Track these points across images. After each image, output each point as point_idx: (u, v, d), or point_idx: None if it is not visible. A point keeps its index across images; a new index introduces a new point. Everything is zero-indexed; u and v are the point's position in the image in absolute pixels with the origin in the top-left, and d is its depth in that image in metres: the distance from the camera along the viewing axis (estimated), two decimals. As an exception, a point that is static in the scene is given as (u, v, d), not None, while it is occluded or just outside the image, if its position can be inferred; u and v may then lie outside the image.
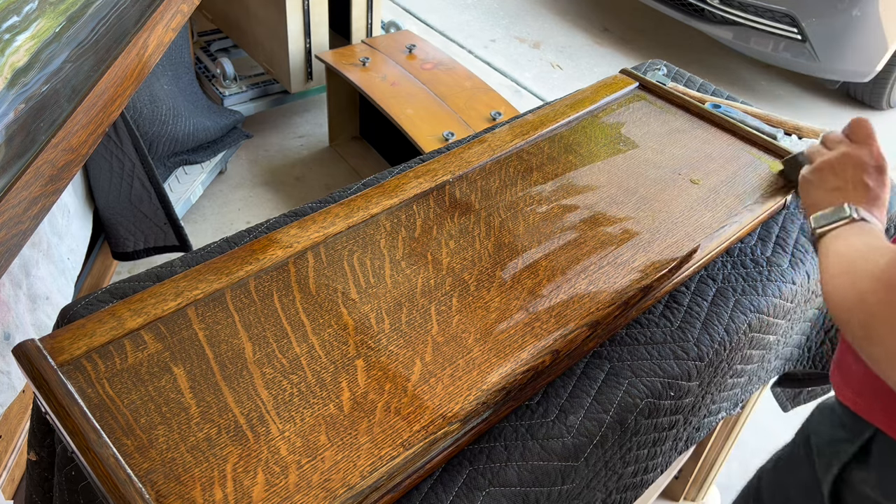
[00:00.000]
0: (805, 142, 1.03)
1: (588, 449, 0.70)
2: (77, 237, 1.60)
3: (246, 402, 0.63)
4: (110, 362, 0.65)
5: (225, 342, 0.68)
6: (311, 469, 0.59)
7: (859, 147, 0.78)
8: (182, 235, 1.85)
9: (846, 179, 0.77)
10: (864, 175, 0.76)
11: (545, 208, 0.86)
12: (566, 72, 3.26)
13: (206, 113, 2.18)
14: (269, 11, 2.31)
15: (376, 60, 2.32)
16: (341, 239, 0.80)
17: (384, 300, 0.73)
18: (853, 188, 0.76)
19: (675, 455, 0.89)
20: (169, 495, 0.56)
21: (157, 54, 1.36)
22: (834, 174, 0.78)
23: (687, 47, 3.50)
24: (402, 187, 0.87)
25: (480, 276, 0.77)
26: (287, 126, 2.67)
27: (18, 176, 0.94)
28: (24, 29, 0.98)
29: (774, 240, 0.94)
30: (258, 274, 0.75)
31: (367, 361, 0.67)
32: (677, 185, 0.91)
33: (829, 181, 0.78)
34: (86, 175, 1.70)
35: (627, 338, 0.79)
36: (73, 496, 0.67)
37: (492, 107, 2.14)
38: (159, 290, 0.71)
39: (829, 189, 0.77)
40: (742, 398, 0.98)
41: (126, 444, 0.59)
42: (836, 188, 0.76)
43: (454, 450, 0.66)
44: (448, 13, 3.68)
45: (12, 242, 0.93)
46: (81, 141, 1.09)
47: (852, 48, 2.73)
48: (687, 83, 1.26)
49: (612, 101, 1.06)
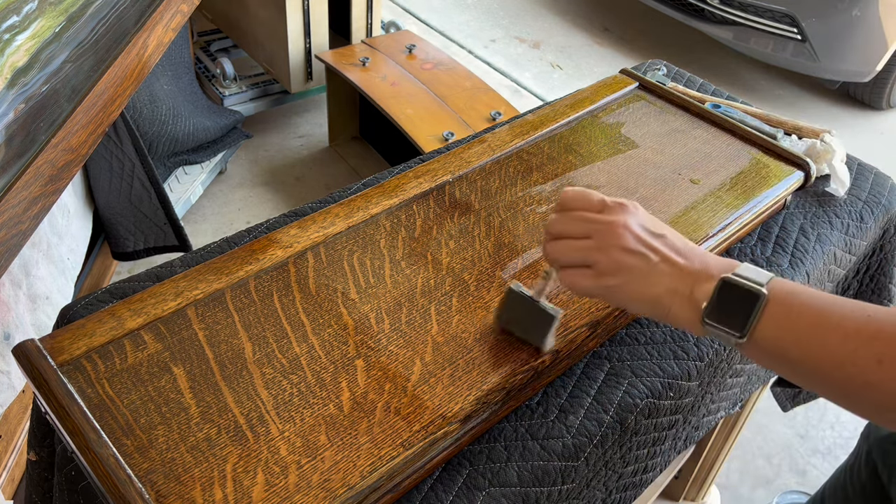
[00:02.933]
0: (805, 142, 1.03)
1: (588, 449, 0.70)
2: (77, 237, 1.60)
3: (246, 402, 0.63)
4: (110, 362, 0.65)
5: (225, 342, 0.68)
6: (311, 469, 0.59)
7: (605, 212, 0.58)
8: (182, 235, 1.85)
9: (645, 248, 0.56)
10: (649, 228, 0.57)
11: (545, 208, 0.86)
12: (566, 72, 3.26)
13: (206, 113, 2.18)
14: (269, 11, 2.31)
15: (376, 60, 2.32)
16: (341, 239, 0.80)
17: (384, 300, 0.73)
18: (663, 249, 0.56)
19: (675, 454, 0.89)
20: (169, 495, 0.56)
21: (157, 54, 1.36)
22: (628, 255, 0.56)
23: (687, 47, 3.50)
24: (402, 187, 0.87)
25: (480, 276, 0.77)
26: (287, 126, 2.67)
27: (18, 176, 0.94)
28: (24, 29, 0.98)
29: (774, 240, 0.94)
30: (258, 274, 0.75)
31: (367, 361, 0.67)
32: (677, 185, 0.91)
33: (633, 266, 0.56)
34: (86, 175, 1.70)
35: (627, 338, 0.79)
36: (72, 496, 0.67)
37: (492, 107, 2.14)
38: (159, 290, 0.71)
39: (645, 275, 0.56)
40: (741, 397, 0.98)
41: (126, 444, 0.59)
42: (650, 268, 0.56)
43: (454, 450, 0.66)
44: (448, 13, 3.68)
45: (12, 242, 0.93)
46: (81, 141, 1.09)
47: (852, 48, 2.73)
48: (687, 83, 1.26)
49: (612, 101, 1.06)
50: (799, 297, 0.52)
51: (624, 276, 0.56)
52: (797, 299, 0.51)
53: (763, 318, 0.51)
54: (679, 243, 0.57)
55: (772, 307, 0.51)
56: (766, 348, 0.52)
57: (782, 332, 0.51)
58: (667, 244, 0.56)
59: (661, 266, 0.55)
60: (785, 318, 0.51)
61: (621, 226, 0.56)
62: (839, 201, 1.01)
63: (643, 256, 0.56)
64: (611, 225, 0.57)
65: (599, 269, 0.57)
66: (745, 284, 0.52)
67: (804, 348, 0.50)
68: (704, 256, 0.56)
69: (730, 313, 0.52)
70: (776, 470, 1.73)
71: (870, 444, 0.83)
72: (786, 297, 0.52)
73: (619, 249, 0.56)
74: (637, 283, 0.56)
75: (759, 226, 0.95)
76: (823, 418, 1.85)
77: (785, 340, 0.51)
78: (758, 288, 0.51)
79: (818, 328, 0.50)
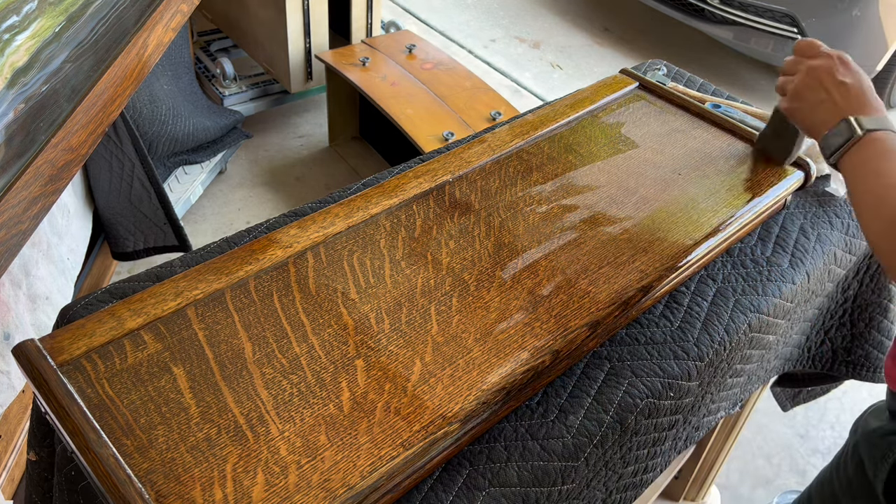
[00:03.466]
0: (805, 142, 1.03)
1: (588, 449, 0.70)
2: (77, 237, 1.60)
3: (246, 402, 0.63)
4: (110, 362, 0.65)
5: (225, 342, 0.68)
6: (311, 469, 0.59)
7: (816, 58, 0.80)
8: (182, 235, 1.85)
9: (823, 88, 0.78)
10: (836, 75, 0.78)
11: (545, 208, 0.86)
12: (566, 72, 3.26)
13: (205, 113, 2.18)
14: (269, 11, 2.31)
15: (376, 60, 2.32)
16: (341, 239, 0.80)
17: (384, 300, 0.73)
18: (835, 91, 0.77)
19: (675, 455, 0.89)
20: (169, 495, 0.56)
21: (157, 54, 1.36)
22: (810, 89, 0.79)
23: (687, 47, 3.50)
24: (402, 187, 0.87)
25: (480, 276, 0.77)
26: (287, 126, 2.67)
27: (18, 176, 0.94)
28: (24, 29, 0.98)
29: (774, 240, 0.94)
30: (258, 274, 0.75)
31: (367, 361, 0.67)
32: (677, 185, 0.91)
33: (809, 97, 0.79)
34: (86, 175, 1.70)
35: (627, 338, 0.79)
36: (72, 496, 0.67)
37: (492, 107, 2.14)
38: (159, 290, 0.71)
39: (814, 106, 0.79)
40: (741, 397, 0.98)
41: (126, 444, 0.59)
42: (819, 101, 0.78)
43: (454, 450, 0.66)
44: (448, 13, 3.68)
45: (12, 242, 0.93)
46: (81, 141, 1.09)
47: (852, 48, 2.73)
48: (687, 83, 1.26)
49: (612, 101, 1.06)
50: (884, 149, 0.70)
51: (799, 103, 0.80)
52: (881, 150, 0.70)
53: (849, 152, 0.73)
54: (853, 91, 0.76)
55: (859, 148, 0.72)
56: (848, 168, 0.73)
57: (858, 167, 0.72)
58: (840, 90, 0.76)
59: (826, 104, 0.77)
60: (863, 160, 0.71)
61: (815, 68, 0.79)
62: (839, 201, 1.01)
63: (817, 93, 0.78)
64: (808, 67, 0.79)
65: (791, 94, 0.82)
66: (852, 126, 0.73)
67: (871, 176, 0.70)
68: (862, 105, 0.75)
69: (837, 138, 0.74)
70: (776, 470, 1.73)
71: (857, 438, 0.83)
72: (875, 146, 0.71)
73: (804, 85, 0.80)
74: (808, 110, 0.80)
75: (760, 226, 0.95)
76: (823, 418, 1.85)
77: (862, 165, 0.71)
78: (858, 132, 0.72)
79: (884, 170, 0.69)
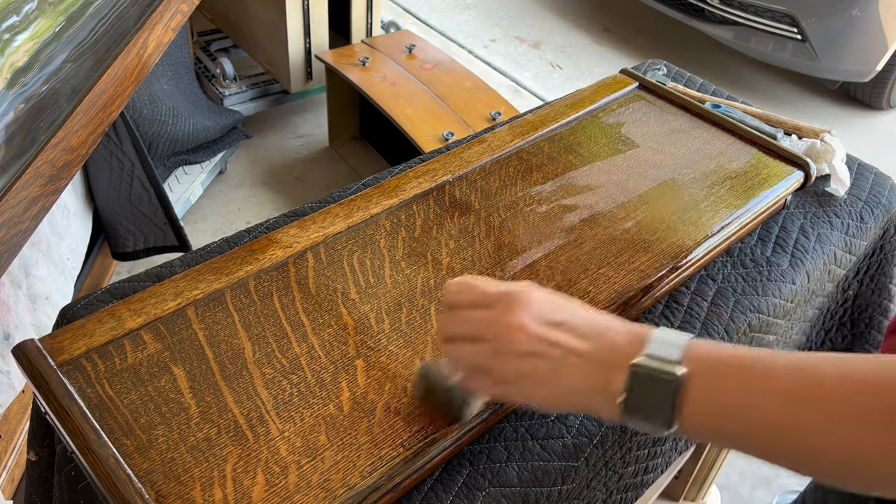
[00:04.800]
0: (805, 142, 1.03)
1: (588, 449, 0.70)
2: (77, 237, 1.60)
3: (246, 402, 0.63)
4: (110, 362, 0.65)
5: (225, 342, 0.68)
6: (311, 469, 0.59)
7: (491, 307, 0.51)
8: (182, 235, 1.85)
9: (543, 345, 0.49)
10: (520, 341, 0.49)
11: (545, 208, 0.86)
12: (566, 72, 3.26)
13: (205, 113, 2.18)
14: (269, 11, 2.31)
15: (376, 60, 2.32)
16: (341, 239, 0.80)
17: (384, 300, 0.73)
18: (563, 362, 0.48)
19: (675, 455, 0.89)
20: (169, 495, 0.56)
21: (157, 54, 1.36)
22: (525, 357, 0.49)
23: (687, 47, 3.50)
24: (402, 187, 0.87)
25: (481, 275, 0.77)
26: (287, 126, 2.67)
27: (18, 176, 0.94)
28: (24, 29, 0.98)
29: (774, 240, 0.94)
30: (258, 274, 0.75)
31: (367, 361, 0.67)
32: (677, 185, 0.91)
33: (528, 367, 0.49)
34: (86, 175, 1.70)
35: (627, 338, 0.79)
36: (72, 496, 0.66)
37: (492, 107, 2.14)
38: (159, 290, 0.71)
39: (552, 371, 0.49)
40: (742, 398, 0.98)
41: (126, 444, 0.59)
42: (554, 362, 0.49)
43: (454, 450, 0.66)
44: (448, 13, 3.68)
45: (12, 242, 0.93)
46: (81, 141, 1.09)
47: (852, 48, 2.73)
48: (687, 83, 1.26)
49: (612, 101, 1.06)
50: (721, 363, 0.45)
51: (526, 382, 0.49)
52: (719, 366, 0.45)
53: (686, 401, 0.45)
54: (582, 326, 0.50)
55: (694, 385, 0.45)
56: (700, 430, 0.46)
57: (711, 407, 0.45)
58: (569, 331, 0.49)
59: (567, 361, 0.48)
60: (712, 392, 0.44)
61: (512, 326, 0.49)
62: (839, 201, 1.01)
63: (543, 356, 0.49)
64: (500, 326, 0.50)
65: (497, 377, 0.51)
66: (656, 371, 0.45)
67: (740, 421, 0.44)
68: (610, 334, 0.49)
69: (649, 404, 0.45)
70: (776, 470, 1.72)
71: None
72: (706, 367, 0.45)
73: (514, 355, 0.49)
74: (544, 386, 0.49)
75: (759, 226, 0.95)
76: (823, 418, 1.84)
77: (717, 417, 0.45)
78: (671, 371, 0.45)
79: (751, 395, 0.43)
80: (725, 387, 0.44)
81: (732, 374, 0.44)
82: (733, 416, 0.44)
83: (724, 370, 0.45)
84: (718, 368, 0.45)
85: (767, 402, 0.43)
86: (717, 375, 0.45)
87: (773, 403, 0.42)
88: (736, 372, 0.44)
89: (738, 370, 0.44)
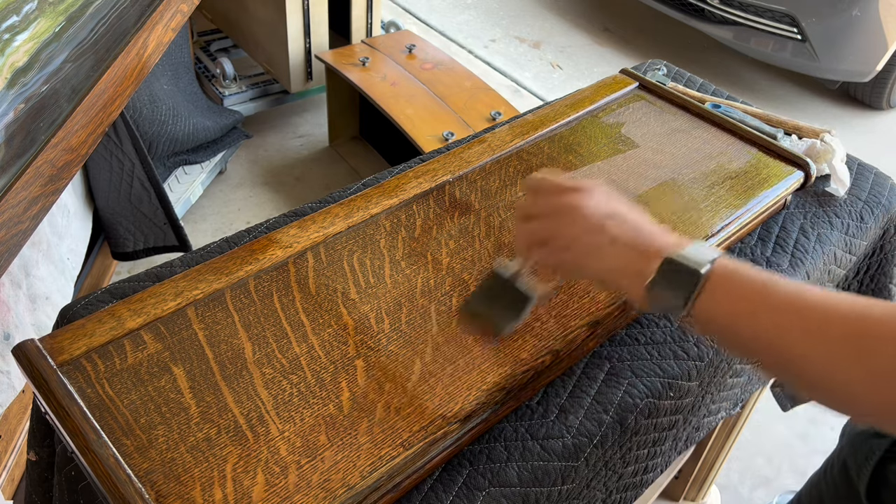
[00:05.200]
0: (805, 142, 1.03)
1: (588, 449, 0.70)
2: (77, 237, 1.60)
3: (246, 402, 0.63)
4: (110, 362, 0.65)
5: (225, 342, 0.68)
6: (311, 469, 0.59)
7: (564, 194, 0.62)
8: (182, 235, 1.85)
9: (594, 228, 0.59)
10: (578, 220, 0.60)
11: (545, 208, 0.86)
12: (566, 72, 3.26)
13: (205, 113, 2.18)
14: (269, 11, 2.31)
15: (376, 60, 2.32)
16: (341, 239, 0.80)
17: (384, 300, 0.73)
18: (613, 228, 0.59)
19: (675, 455, 0.89)
20: (169, 495, 0.56)
21: (157, 54, 1.36)
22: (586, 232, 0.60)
23: (687, 47, 3.50)
24: (402, 187, 0.87)
25: (480, 276, 0.77)
26: (287, 126, 2.67)
27: (18, 176, 0.94)
28: (24, 29, 0.98)
29: (774, 240, 0.94)
30: (258, 274, 0.75)
31: (367, 361, 0.67)
32: (677, 185, 0.91)
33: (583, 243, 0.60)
34: (86, 175, 1.70)
35: (627, 338, 0.79)
36: (72, 496, 0.66)
37: (492, 107, 2.14)
38: (159, 290, 0.71)
39: (593, 252, 0.59)
40: (742, 398, 0.98)
41: (126, 444, 0.59)
42: (598, 246, 0.59)
43: (454, 450, 0.66)
44: (448, 13, 3.68)
45: (12, 242, 0.93)
46: (81, 141, 1.09)
47: (852, 48, 2.73)
48: (687, 83, 1.26)
49: (612, 101, 1.06)
50: (739, 276, 0.54)
51: (575, 254, 0.60)
52: (737, 277, 0.54)
53: (703, 294, 0.54)
54: (630, 223, 0.60)
55: (712, 285, 0.54)
56: (706, 323, 0.55)
57: (720, 307, 0.54)
58: (618, 224, 0.59)
59: (611, 245, 0.59)
60: (723, 295, 0.54)
61: (575, 207, 0.60)
62: (839, 201, 1.01)
63: (593, 236, 0.59)
64: (566, 207, 0.61)
65: (555, 246, 0.61)
66: (686, 263, 0.55)
67: (740, 323, 0.53)
68: (654, 236, 0.59)
69: (672, 289, 0.55)
70: (776, 470, 1.72)
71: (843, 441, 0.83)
72: (727, 275, 0.55)
73: (571, 229, 0.60)
74: (589, 260, 0.60)
75: (760, 226, 0.95)
76: (823, 418, 1.85)
77: (723, 315, 0.54)
78: (697, 267, 0.54)
79: (751, 303, 0.53)
80: (737, 294, 0.54)
81: (745, 285, 0.54)
82: (740, 317, 0.53)
83: (740, 280, 0.54)
84: (736, 278, 0.54)
85: (763, 313, 0.52)
86: (733, 283, 0.54)
87: (767, 315, 0.52)
88: (748, 284, 0.54)
89: (749, 283, 0.54)
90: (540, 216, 0.63)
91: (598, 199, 0.61)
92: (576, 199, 0.61)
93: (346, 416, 0.63)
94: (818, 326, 0.50)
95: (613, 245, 0.59)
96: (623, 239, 0.59)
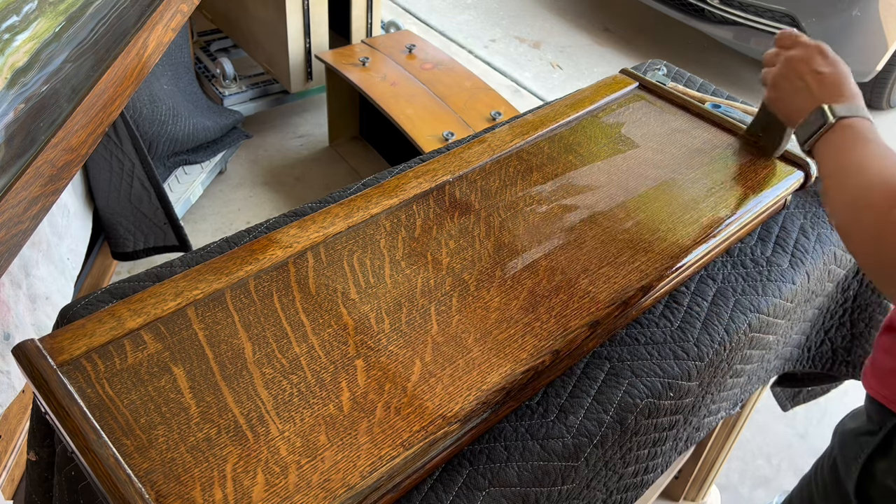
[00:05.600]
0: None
1: (588, 449, 0.70)
2: (77, 237, 1.60)
3: (246, 402, 0.63)
4: (110, 362, 0.65)
5: (225, 342, 0.68)
6: (311, 469, 0.59)
7: (794, 49, 0.83)
8: (182, 235, 1.85)
9: (800, 77, 0.81)
10: (813, 65, 0.80)
11: (545, 208, 0.86)
12: (566, 72, 3.26)
13: (205, 113, 2.18)
14: (269, 11, 2.31)
15: (376, 60, 2.32)
16: (341, 239, 0.80)
17: (384, 300, 0.73)
18: (811, 80, 0.80)
19: (675, 455, 0.89)
20: (169, 495, 0.56)
21: (157, 54, 1.36)
22: (788, 80, 0.83)
23: (687, 47, 3.50)
24: (402, 187, 0.87)
25: (480, 275, 0.77)
26: (287, 126, 2.67)
27: (18, 176, 0.94)
28: (24, 29, 0.98)
29: (774, 240, 0.94)
30: (258, 274, 0.75)
31: (367, 361, 0.67)
32: (677, 185, 0.91)
33: (786, 87, 0.83)
34: (86, 175, 1.70)
35: (627, 338, 0.79)
36: (72, 496, 0.67)
37: (492, 107, 2.14)
38: (159, 290, 0.71)
39: (791, 95, 0.82)
40: (742, 398, 0.98)
41: (126, 444, 0.59)
42: (796, 90, 0.81)
43: (454, 450, 0.66)
44: (448, 13, 3.68)
45: (12, 242, 0.94)
46: (81, 141, 1.09)
47: (852, 48, 2.73)
48: (687, 83, 1.26)
49: (612, 101, 1.06)
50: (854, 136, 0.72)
51: (777, 93, 0.85)
52: (850, 137, 0.72)
53: (821, 139, 0.75)
54: (827, 81, 0.78)
55: (833, 132, 0.74)
56: (822, 153, 0.75)
57: (834, 143, 0.74)
58: (818, 80, 0.79)
59: (804, 91, 0.80)
60: (833, 146, 0.73)
61: (793, 58, 0.82)
62: (839, 201, 1.01)
63: (794, 83, 0.81)
64: (786, 58, 0.83)
65: (770, 84, 0.86)
66: (824, 115, 0.75)
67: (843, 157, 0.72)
68: (834, 92, 0.77)
69: (812, 125, 0.76)
70: (776, 470, 1.73)
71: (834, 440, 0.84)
72: (846, 125, 0.73)
73: (782, 76, 0.83)
74: (786, 100, 0.84)
75: (760, 226, 0.95)
76: (823, 418, 1.85)
77: (833, 149, 0.73)
78: (830, 120, 0.74)
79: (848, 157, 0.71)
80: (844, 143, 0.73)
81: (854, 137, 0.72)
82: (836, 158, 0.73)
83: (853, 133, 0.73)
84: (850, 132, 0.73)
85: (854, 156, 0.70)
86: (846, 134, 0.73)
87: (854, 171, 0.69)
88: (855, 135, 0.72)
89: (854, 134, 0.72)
90: (772, 63, 0.86)
91: (815, 57, 0.81)
92: (797, 53, 0.82)
93: (346, 416, 0.63)
94: (851, 198, 0.67)
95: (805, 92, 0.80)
96: (814, 92, 0.79)
